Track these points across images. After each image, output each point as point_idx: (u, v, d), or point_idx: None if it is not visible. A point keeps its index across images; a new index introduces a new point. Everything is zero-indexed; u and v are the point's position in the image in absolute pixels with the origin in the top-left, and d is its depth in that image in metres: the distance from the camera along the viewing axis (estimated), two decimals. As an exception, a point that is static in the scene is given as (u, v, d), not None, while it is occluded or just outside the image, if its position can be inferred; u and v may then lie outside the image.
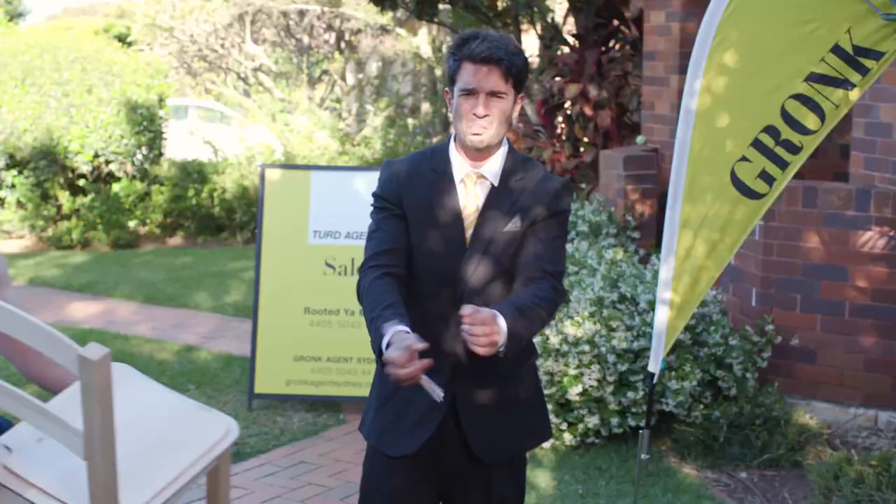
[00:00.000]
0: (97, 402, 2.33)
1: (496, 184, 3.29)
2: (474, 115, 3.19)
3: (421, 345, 2.81)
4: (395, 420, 3.33)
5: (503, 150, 3.32)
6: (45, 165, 13.56)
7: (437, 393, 2.83)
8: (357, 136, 15.97)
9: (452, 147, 3.32)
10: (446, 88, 3.32)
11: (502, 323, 2.96)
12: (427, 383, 2.82)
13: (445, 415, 3.26)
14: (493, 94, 3.18)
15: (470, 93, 3.19)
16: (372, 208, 3.35)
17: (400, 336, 2.86)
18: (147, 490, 2.60)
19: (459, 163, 3.30)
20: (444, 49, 18.86)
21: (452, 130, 3.33)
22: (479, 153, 3.27)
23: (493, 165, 3.30)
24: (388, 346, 2.89)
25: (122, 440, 2.49)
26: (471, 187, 3.29)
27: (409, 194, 3.29)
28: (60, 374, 3.03)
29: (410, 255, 3.28)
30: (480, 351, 2.88)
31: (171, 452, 2.71)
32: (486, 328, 2.88)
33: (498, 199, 3.28)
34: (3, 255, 3.24)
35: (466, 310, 2.88)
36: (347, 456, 6.19)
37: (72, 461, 2.56)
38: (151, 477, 2.63)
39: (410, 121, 17.47)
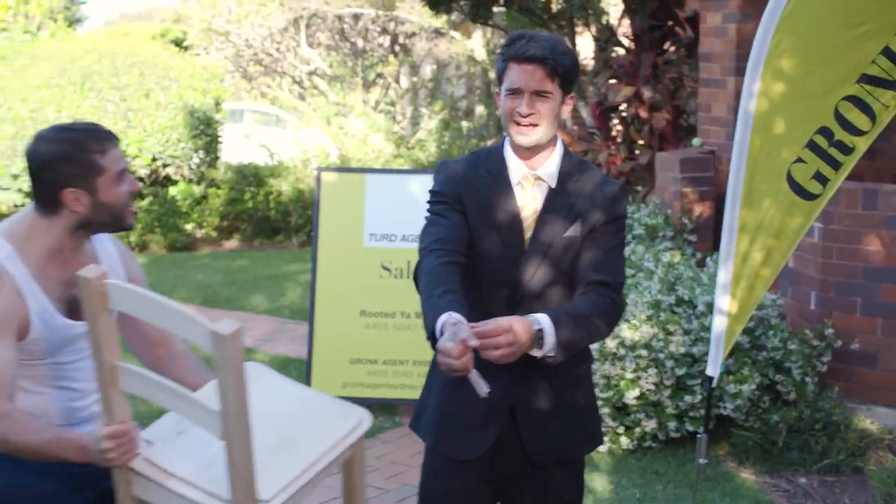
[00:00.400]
0: (231, 377, 2.39)
1: (553, 186, 3.28)
2: (518, 113, 3.19)
3: (475, 342, 2.80)
4: (453, 421, 3.32)
5: (558, 151, 3.31)
6: (104, 169, 13.69)
7: (483, 388, 2.81)
8: (411, 139, 15.99)
9: (507, 149, 3.32)
10: (496, 89, 3.32)
11: (545, 325, 2.97)
12: (475, 377, 2.81)
13: (506, 419, 3.26)
14: (538, 93, 3.17)
15: (515, 92, 3.19)
16: (429, 205, 3.34)
17: (456, 327, 2.81)
18: (283, 477, 2.66)
19: (516, 164, 3.29)
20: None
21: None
22: (531, 153, 3.26)
23: (550, 167, 3.29)
24: (441, 332, 2.86)
25: (258, 432, 2.55)
26: (528, 189, 3.28)
27: (468, 195, 3.28)
28: (197, 380, 3.16)
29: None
30: (497, 360, 2.86)
31: (305, 442, 2.77)
32: (494, 341, 2.84)
33: (556, 202, 3.27)
34: (139, 266, 3.32)
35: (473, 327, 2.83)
36: (404, 458, 6.20)
37: (209, 452, 2.66)
38: (287, 465, 2.69)
39: (465, 123, 17.47)
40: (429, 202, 3.35)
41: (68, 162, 2.94)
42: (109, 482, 3.01)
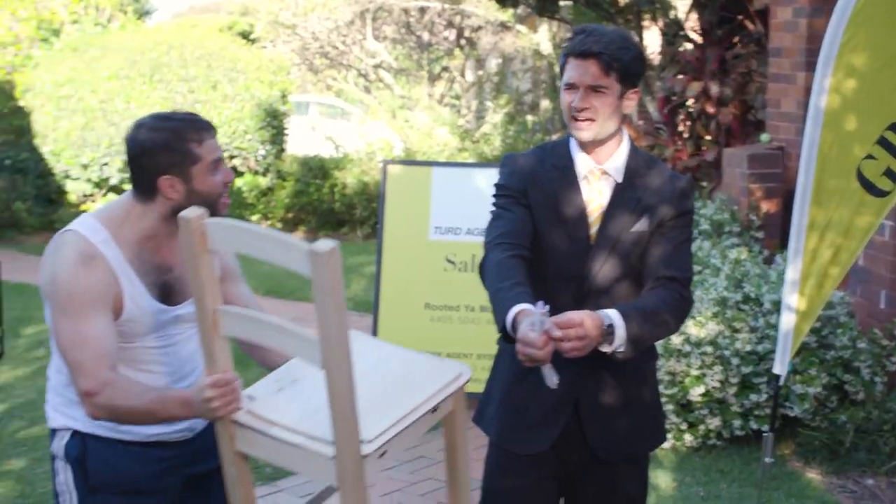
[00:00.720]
0: (330, 297, 2.40)
1: (620, 181, 3.26)
2: (574, 108, 3.18)
3: (557, 333, 2.80)
4: (518, 415, 3.32)
5: (625, 146, 3.29)
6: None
7: (553, 380, 2.82)
8: (476, 132, 15.98)
9: (573, 143, 3.30)
10: (559, 84, 3.32)
11: (615, 320, 2.96)
12: (548, 369, 2.83)
13: (570, 413, 3.26)
14: (593, 88, 3.16)
15: (571, 87, 3.19)
16: (494, 199, 3.33)
17: (537, 317, 2.80)
18: (385, 419, 2.67)
19: (582, 159, 3.27)
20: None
21: None
22: (595, 147, 3.25)
23: (616, 161, 3.27)
24: (514, 324, 2.87)
25: (360, 386, 2.55)
26: (594, 184, 3.26)
27: (534, 189, 3.27)
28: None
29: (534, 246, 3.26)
30: (566, 354, 2.86)
31: (406, 392, 2.79)
32: (568, 333, 2.84)
33: (623, 196, 3.25)
34: (234, 254, 3.36)
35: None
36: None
37: (312, 404, 2.69)
38: (388, 410, 2.71)
39: (530, 118, 17.41)
40: (494, 196, 3.34)
41: (166, 150, 3.00)
42: (200, 465, 3.17)
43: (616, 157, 3.27)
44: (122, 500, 3.10)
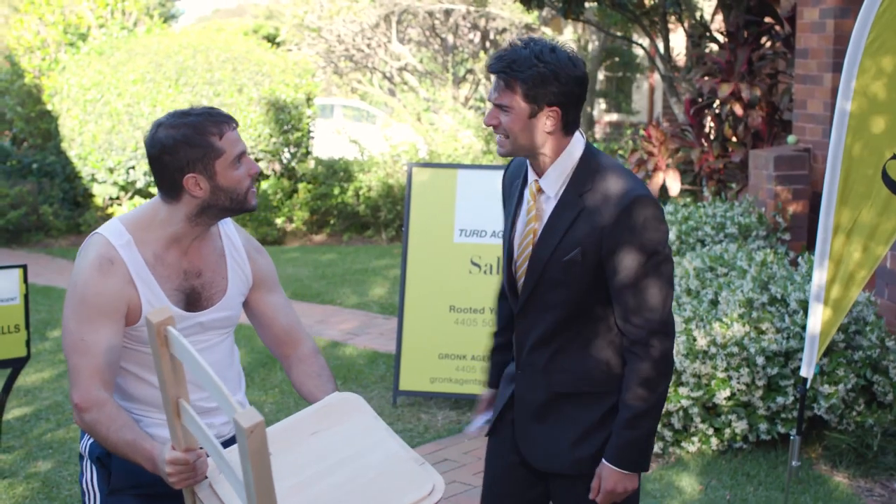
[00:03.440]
0: (250, 465, 2.35)
1: (552, 196, 3.19)
2: (484, 122, 3.19)
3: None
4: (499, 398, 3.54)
5: (564, 161, 3.17)
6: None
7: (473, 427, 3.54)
8: (501, 135, 15.95)
9: None
10: None
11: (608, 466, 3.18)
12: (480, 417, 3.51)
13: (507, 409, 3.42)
14: (498, 106, 3.13)
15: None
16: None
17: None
18: None
19: (531, 172, 3.26)
20: (590, 48, 18.74)
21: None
22: (533, 162, 3.21)
23: (551, 176, 3.18)
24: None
25: (332, 475, 2.61)
26: (534, 201, 3.23)
27: (505, 201, 3.39)
28: (313, 389, 3.22)
29: None
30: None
31: (370, 501, 2.77)
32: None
33: (560, 217, 3.17)
34: (270, 259, 3.37)
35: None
36: (491, 455, 6.19)
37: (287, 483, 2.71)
38: None
39: (554, 120, 17.37)
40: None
41: (187, 145, 2.98)
42: None
43: (551, 172, 3.18)
44: (140, 502, 3.11)
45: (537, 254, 3.18)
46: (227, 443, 3.11)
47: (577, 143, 3.18)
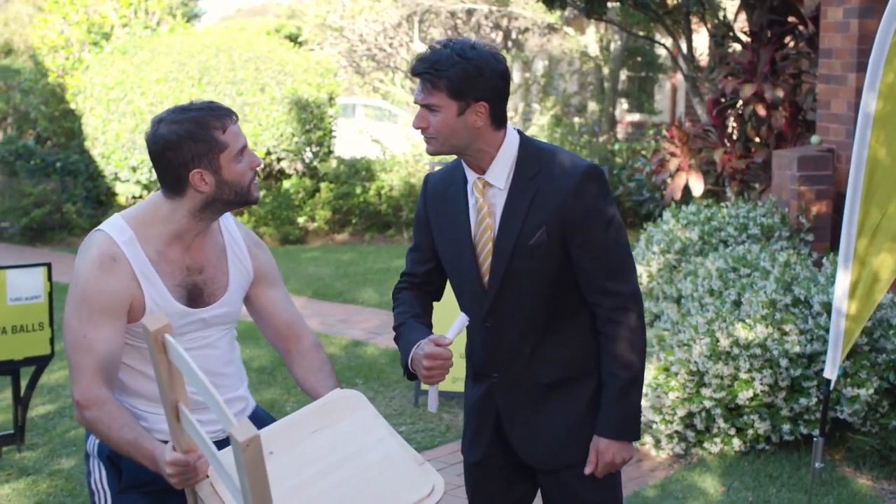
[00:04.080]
0: (247, 479, 2.35)
1: (507, 190, 3.20)
2: (413, 126, 3.20)
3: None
4: (467, 425, 3.48)
5: (505, 152, 3.21)
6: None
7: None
8: (523, 134, 15.96)
9: None
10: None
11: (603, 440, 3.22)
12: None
13: (497, 422, 3.35)
14: (426, 107, 3.14)
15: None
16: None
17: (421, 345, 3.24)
18: None
19: (469, 171, 3.27)
20: (612, 48, 18.71)
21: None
22: (471, 160, 3.22)
23: (496, 169, 3.21)
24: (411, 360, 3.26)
25: (332, 473, 2.61)
26: (482, 198, 3.24)
27: (434, 209, 3.37)
28: (314, 383, 3.23)
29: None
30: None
31: (369, 502, 2.77)
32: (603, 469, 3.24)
33: (514, 206, 3.19)
34: (270, 254, 3.37)
35: None
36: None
37: (280, 489, 2.68)
38: None
39: (577, 120, 17.39)
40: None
41: (190, 140, 2.97)
42: None
43: (495, 164, 3.20)
44: (150, 500, 3.11)
45: (500, 246, 3.19)
46: (225, 442, 3.11)
47: (512, 134, 3.24)
